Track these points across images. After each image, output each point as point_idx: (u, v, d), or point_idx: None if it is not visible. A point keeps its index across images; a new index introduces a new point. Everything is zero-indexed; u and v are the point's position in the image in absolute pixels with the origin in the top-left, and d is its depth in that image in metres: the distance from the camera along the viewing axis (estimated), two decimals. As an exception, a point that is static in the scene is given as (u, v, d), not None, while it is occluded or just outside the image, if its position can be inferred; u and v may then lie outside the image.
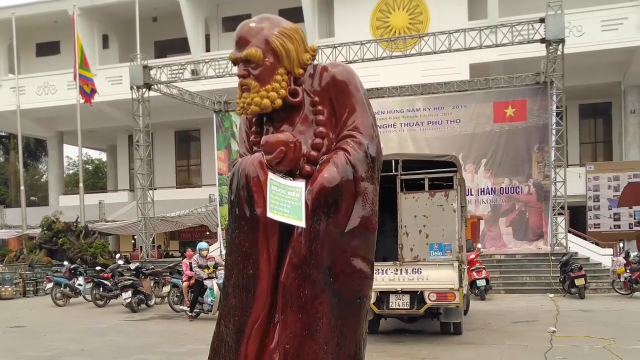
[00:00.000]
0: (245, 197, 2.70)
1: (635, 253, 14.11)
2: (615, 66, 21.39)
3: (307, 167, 2.67)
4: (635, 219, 20.43)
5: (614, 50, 20.00)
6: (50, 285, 14.70)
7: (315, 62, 2.88)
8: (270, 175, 2.64)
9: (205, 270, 10.90)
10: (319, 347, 2.60)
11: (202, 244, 11.53)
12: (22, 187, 24.11)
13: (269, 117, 2.83)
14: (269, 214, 2.57)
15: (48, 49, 28.27)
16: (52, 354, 7.98)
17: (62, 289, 14.44)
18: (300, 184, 2.61)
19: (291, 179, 2.64)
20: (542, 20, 15.93)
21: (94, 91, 21.55)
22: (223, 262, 8.69)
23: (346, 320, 2.69)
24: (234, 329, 2.73)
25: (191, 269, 11.33)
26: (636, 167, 20.66)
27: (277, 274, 2.66)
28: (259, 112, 2.75)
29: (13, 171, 34.55)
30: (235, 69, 2.81)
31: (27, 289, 17.20)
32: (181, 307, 11.75)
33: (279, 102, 2.70)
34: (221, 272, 10.08)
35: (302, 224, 2.55)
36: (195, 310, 11.08)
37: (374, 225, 2.75)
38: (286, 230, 2.63)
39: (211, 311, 10.61)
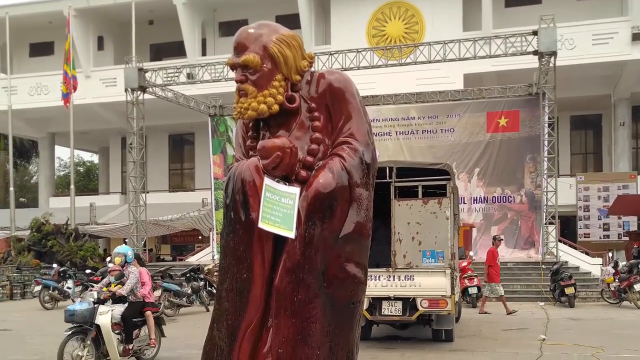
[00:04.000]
0: (241, 201, 2.71)
1: (624, 263, 14.26)
2: (605, 79, 21.66)
3: (303, 173, 2.69)
4: (624, 229, 20.64)
5: (604, 64, 20.27)
6: (38, 288, 14.56)
7: (312, 69, 2.92)
8: (266, 180, 2.66)
9: (105, 288, 6.95)
10: (311, 352, 2.61)
11: (118, 248, 7.47)
12: (11, 188, 23.90)
13: (266, 122, 2.85)
14: (260, 224, 2.59)
15: (42, 49, 28.13)
16: (39, 357, 7.89)
17: (50, 292, 14.30)
18: (295, 190, 2.63)
19: (286, 184, 2.66)
20: (535, 33, 16.13)
21: (68, 95, 21.26)
22: (130, 276, 6.89)
23: (339, 325, 2.71)
24: (227, 333, 2.74)
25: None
26: (625, 178, 20.90)
27: (271, 278, 2.68)
28: (255, 117, 2.78)
29: (2, 172, 34.25)
30: (232, 74, 2.84)
31: (15, 291, 17.00)
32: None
33: (275, 107, 2.73)
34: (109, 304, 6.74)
35: (291, 235, 2.57)
36: (133, 344, 6.93)
37: (368, 231, 2.77)
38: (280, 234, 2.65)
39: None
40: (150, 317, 7.07)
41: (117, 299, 6.82)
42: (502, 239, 14.07)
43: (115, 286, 6.88)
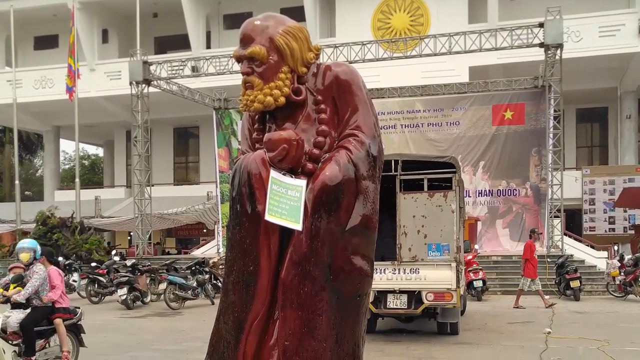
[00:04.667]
0: (247, 193, 2.70)
1: (630, 256, 14.20)
2: (612, 72, 21.50)
3: (309, 165, 2.68)
4: (630, 222, 20.55)
5: (611, 56, 20.12)
6: (44, 280, 14.61)
7: (318, 61, 2.90)
8: (272, 173, 2.64)
9: (1, 290, 6.03)
10: (318, 344, 2.61)
11: (24, 242, 6.26)
12: (16, 182, 24.01)
13: (272, 114, 2.84)
14: (267, 217, 2.58)
15: (46, 42, 28.15)
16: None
17: (57, 284, 14.37)
18: (302, 183, 2.62)
19: (293, 176, 2.65)
20: (541, 25, 16.01)
21: (73, 88, 21.25)
22: (33, 277, 5.82)
23: (345, 317, 2.70)
24: (233, 326, 2.74)
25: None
26: (631, 171, 20.79)
27: (278, 271, 2.67)
28: (262, 110, 2.77)
29: (8, 165, 34.42)
30: (237, 66, 2.83)
31: (22, 284, 17.13)
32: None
33: (282, 100, 2.71)
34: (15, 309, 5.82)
35: (298, 227, 2.56)
36: (36, 357, 5.97)
37: (374, 223, 2.76)
38: (287, 227, 2.65)
39: None
40: (61, 325, 5.93)
41: (17, 304, 5.79)
42: (542, 233, 13.80)
43: (14, 288, 5.79)
